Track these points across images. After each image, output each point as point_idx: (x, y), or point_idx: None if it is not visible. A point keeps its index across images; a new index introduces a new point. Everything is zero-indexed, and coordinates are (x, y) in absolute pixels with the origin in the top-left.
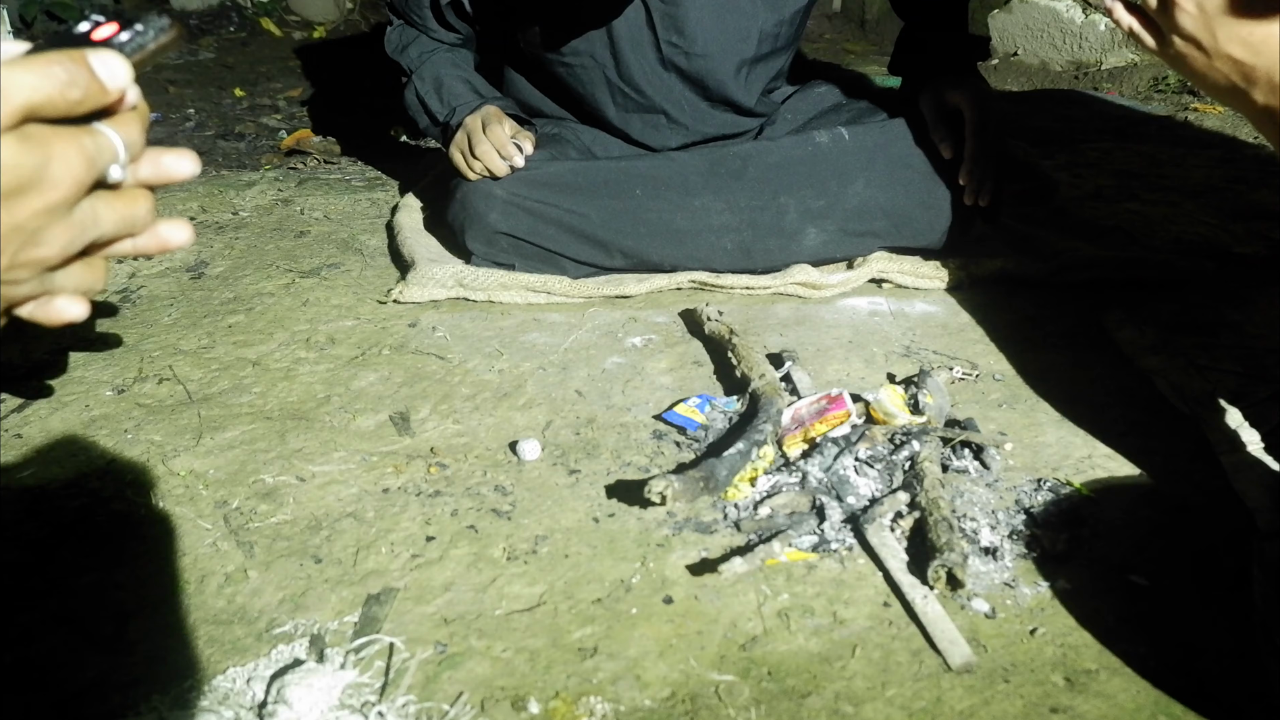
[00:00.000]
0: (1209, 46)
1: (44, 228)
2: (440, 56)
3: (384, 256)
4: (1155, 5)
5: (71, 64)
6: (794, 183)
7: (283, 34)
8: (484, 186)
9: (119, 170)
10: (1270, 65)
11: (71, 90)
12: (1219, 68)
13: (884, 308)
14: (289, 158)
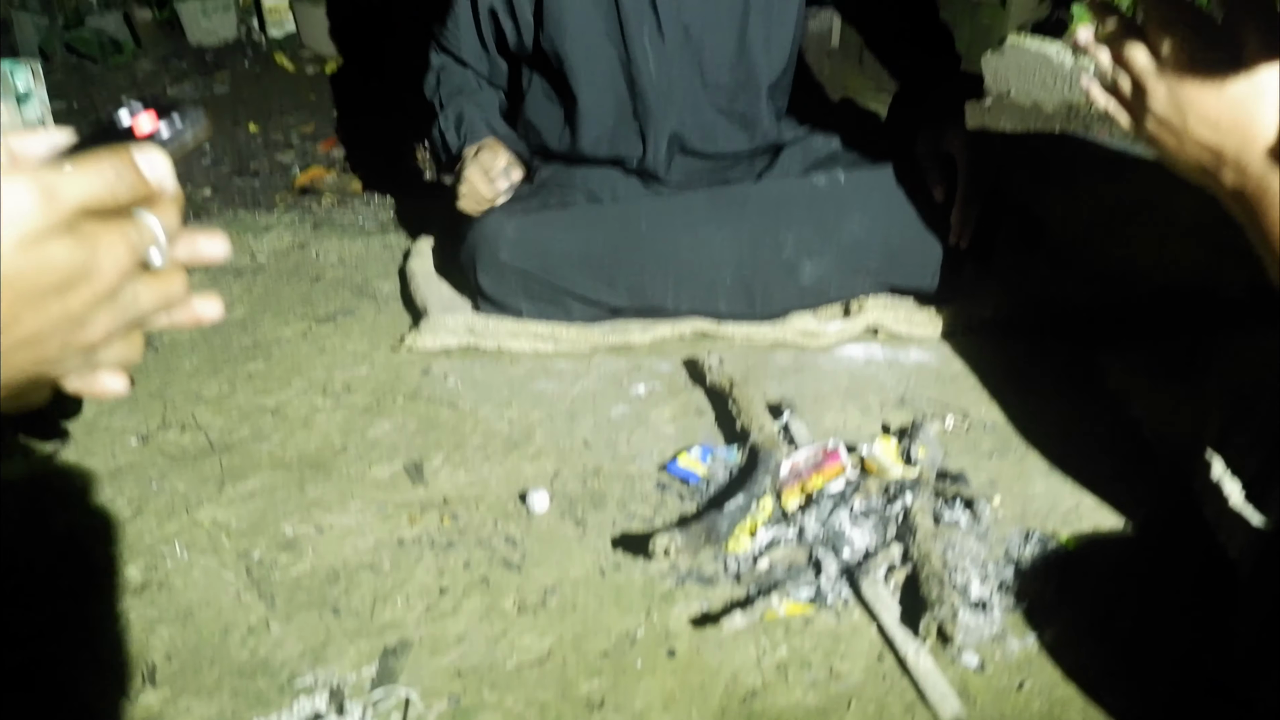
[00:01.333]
0: (1179, 128)
1: (91, 314)
2: (468, 96)
3: (397, 302)
4: (1129, 89)
5: (120, 163)
6: (792, 218)
7: (295, 68)
8: (494, 223)
9: (159, 255)
10: (1237, 147)
11: (120, 188)
12: (1189, 149)
13: (879, 356)
14: (303, 195)
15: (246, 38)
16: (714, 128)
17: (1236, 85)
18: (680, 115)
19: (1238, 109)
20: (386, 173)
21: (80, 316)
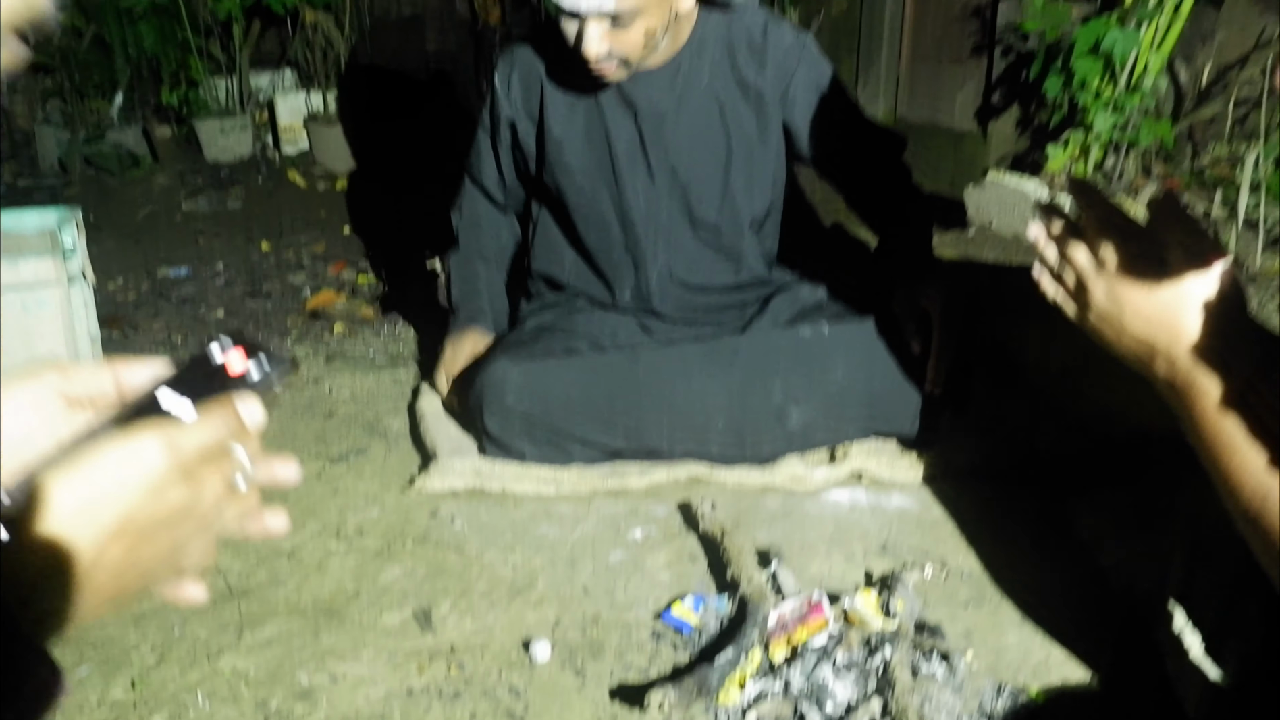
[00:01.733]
0: (1117, 323)
1: (190, 539)
2: (484, 243)
3: (407, 440)
4: (1073, 284)
5: (228, 416)
6: (780, 367)
7: (307, 185)
8: (501, 370)
9: (244, 482)
10: (1168, 343)
11: (225, 436)
12: (1126, 341)
13: (863, 501)
14: (314, 320)
15: (261, 154)
16: (701, 261)
17: (1164, 288)
18: (669, 249)
19: (1166, 309)
20: (396, 297)
21: (183, 543)
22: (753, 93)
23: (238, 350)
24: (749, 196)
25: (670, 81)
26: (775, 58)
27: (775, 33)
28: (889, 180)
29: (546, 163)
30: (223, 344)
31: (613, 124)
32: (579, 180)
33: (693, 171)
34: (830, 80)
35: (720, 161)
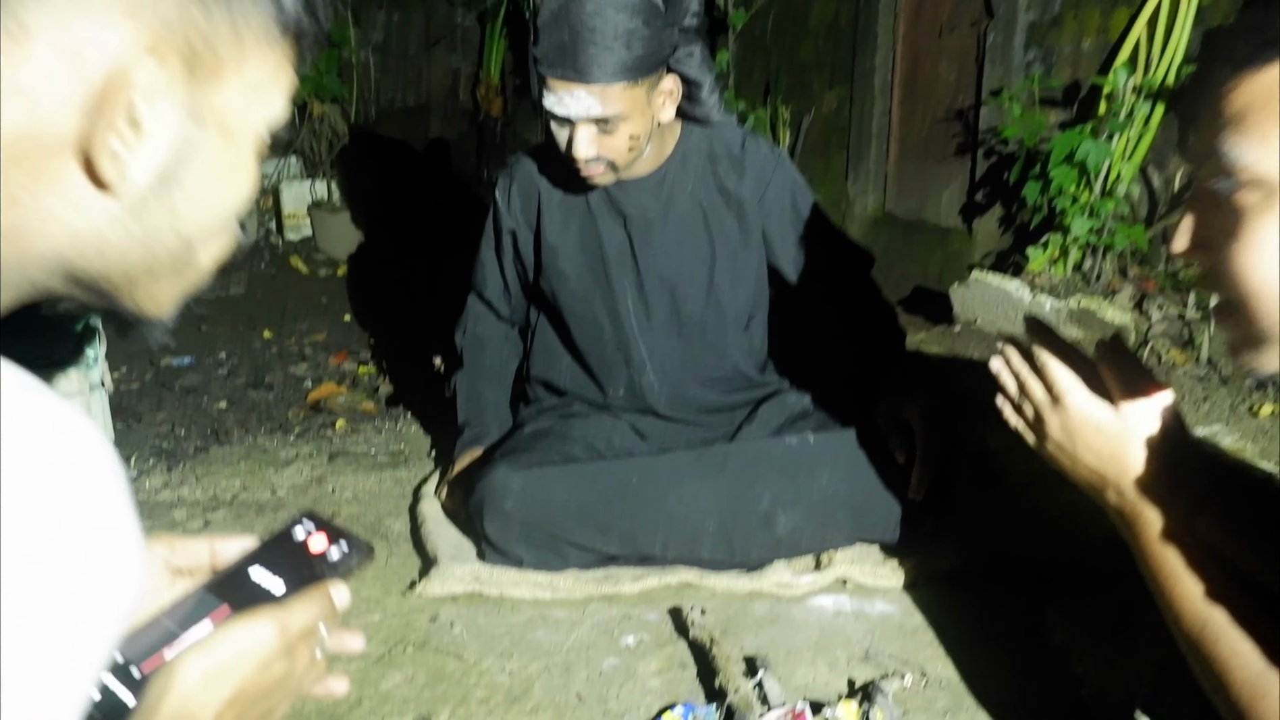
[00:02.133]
0: (1071, 453)
1: (281, 703)
2: (489, 362)
3: (408, 543)
4: (1031, 415)
5: (325, 599)
6: (768, 474)
7: (309, 271)
8: (501, 478)
9: (322, 653)
10: (1116, 475)
11: (320, 617)
12: (1080, 470)
13: (847, 607)
14: (316, 413)
15: (265, 240)
16: (690, 358)
17: (1112, 424)
18: (659, 346)
19: (1114, 444)
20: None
21: (275, 706)
22: (733, 199)
23: (321, 534)
24: (734, 296)
25: (657, 190)
26: (753, 167)
27: (753, 145)
28: (860, 295)
29: (543, 269)
30: (306, 527)
31: (604, 230)
32: (573, 284)
33: (679, 273)
34: (803, 191)
35: (705, 263)
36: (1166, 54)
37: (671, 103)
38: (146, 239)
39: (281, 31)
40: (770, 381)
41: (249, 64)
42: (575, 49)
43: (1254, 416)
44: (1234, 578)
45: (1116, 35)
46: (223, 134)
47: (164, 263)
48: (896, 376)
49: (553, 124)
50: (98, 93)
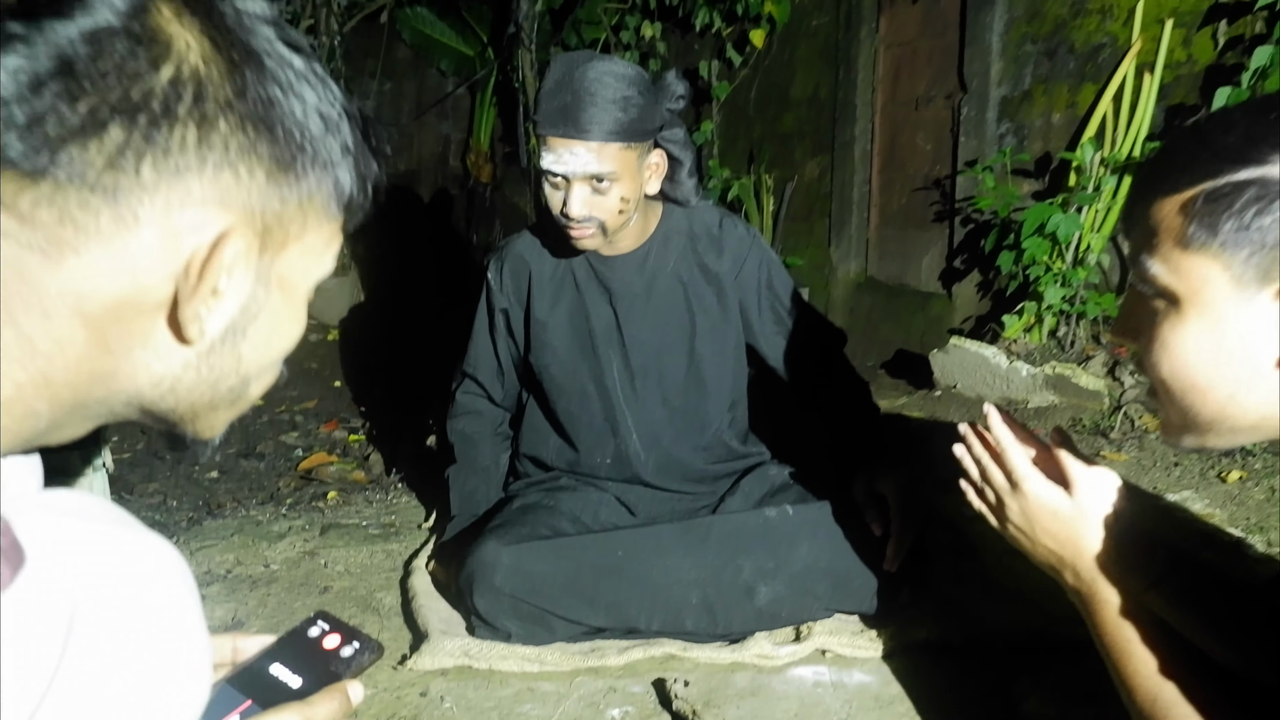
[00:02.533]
0: (1030, 536)
1: None
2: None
3: (398, 616)
4: (993, 499)
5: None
6: (749, 546)
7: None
8: (491, 553)
9: None
10: (1072, 557)
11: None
12: (1039, 551)
13: (826, 677)
14: (307, 482)
15: None
16: (673, 426)
17: (1066, 509)
18: (644, 416)
19: (1069, 528)
20: (388, 462)
21: None
22: (712, 275)
23: (335, 633)
24: (715, 366)
25: (640, 266)
26: (730, 245)
27: (730, 225)
28: (833, 370)
29: (533, 344)
30: (320, 625)
31: (591, 306)
32: (562, 356)
33: (663, 344)
34: (778, 269)
35: (686, 335)
36: (1131, 129)
37: (657, 177)
38: (213, 379)
39: (339, 208)
40: (752, 452)
41: (309, 234)
42: (576, 109)
43: (1222, 482)
44: (1185, 654)
45: (1085, 110)
46: (283, 292)
47: (224, 397)
48: (872, 451)
49: (548, 187)
50: (188, 266)
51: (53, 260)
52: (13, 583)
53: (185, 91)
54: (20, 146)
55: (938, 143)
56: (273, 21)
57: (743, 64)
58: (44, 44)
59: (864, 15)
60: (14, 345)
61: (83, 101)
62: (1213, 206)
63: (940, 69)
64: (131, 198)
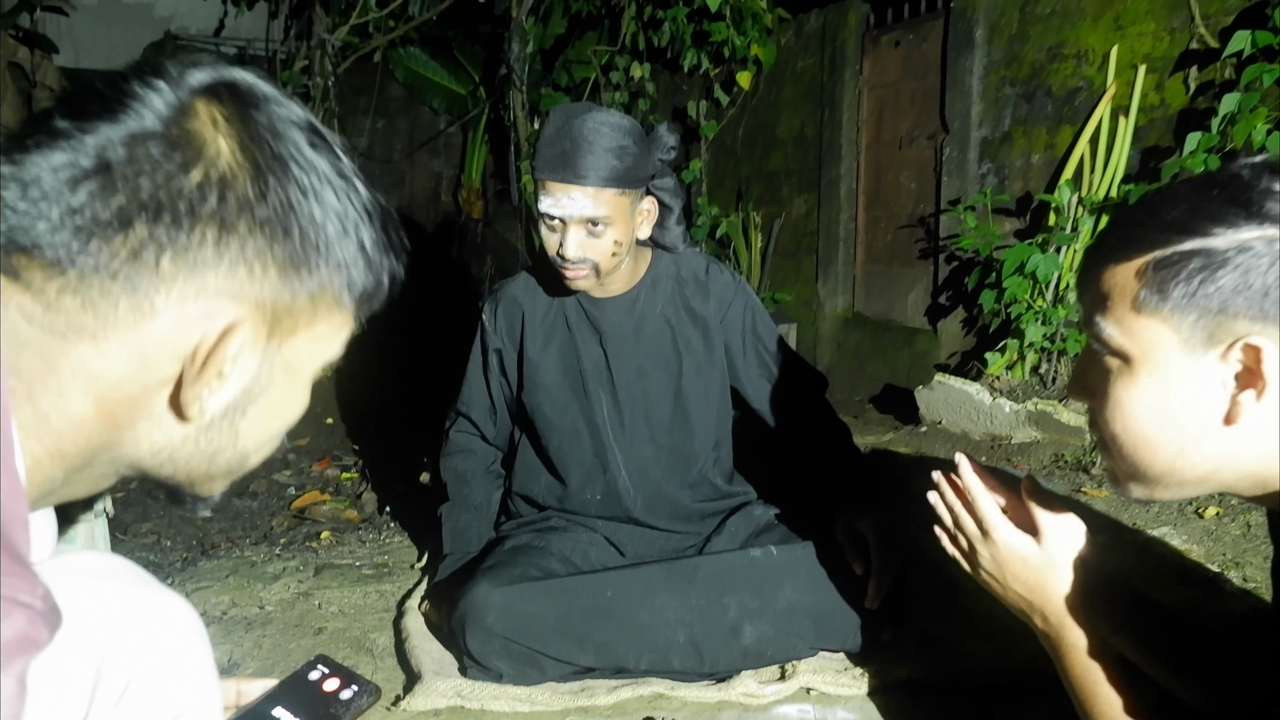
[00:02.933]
0: (1001, 582)
1: None
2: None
3: (391, 656)
4: (966, 546)
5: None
6: (734, 586)
7: None
8: (483, 594)
9: None
10: (1041, 602)
11: None
12: (1010, 596)
13: (811, 715)
14: (300, 521)
15: None
16: (659, 463)
17: (1035, 556)
18: (633, 453)
19: (1038, 575)
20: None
21: None
22: (699, 319)
23: (334, 677)
24: (700, 406)
25: (630, 308)
26: (716, 290)
27: (716, 271)
28: (814, 414)
29: (525, 383)
30: (320, 670)
31: (582, 346)
32: (553, 394)
33: (651, 384)
34: (761, 315)
35: (674, 375)
36: (1108, 171)
37: (648, 222)
38: (210, 452)
39: (351, 300)
40: (738, 491)
41: (319, 323)
42: (575, 156)
43: (1200, 518)
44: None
45: (1063, 151)
46: (288, 375)
47: (221, 468)
48: (852, 492)
49: (545, 230)
50: (195, 352)
51: (71, 343)
52: (48, 644)
53: (211, 194)
54: (52, 239)
55: (921, 181)
56: (305, 126)
57: (730, 104)
58: (88, 144)
59: (848, 57)
60: (31, 421)
61: (115, 199)
62: (1162, 274)
63: (923, 110)
64: (150, 288)
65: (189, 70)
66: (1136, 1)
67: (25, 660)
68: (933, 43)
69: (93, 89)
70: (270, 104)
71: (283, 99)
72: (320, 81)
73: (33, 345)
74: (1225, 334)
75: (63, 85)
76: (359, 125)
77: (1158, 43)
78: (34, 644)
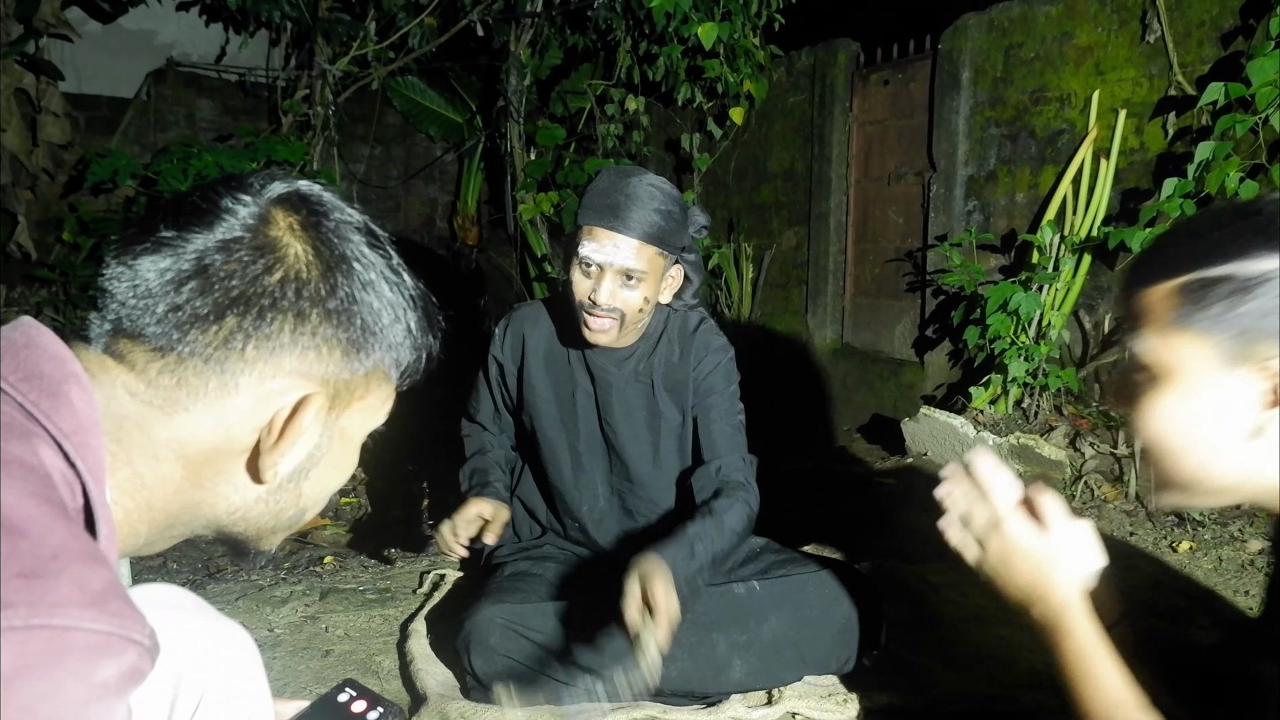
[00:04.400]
0: (1005, 574)
1: None
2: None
3: (397, 679)
4: (973, 538)
5: None
6: (721, 622)
7: None
8: (488, 616)
9: None
10: (1043, 594)
11: None
12: (1012, 589)
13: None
14: (303, 546)
15: None
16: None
17: (1040, 549)
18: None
19: (1040, 568)
20: (380, 523)
21: None
22: (679, 381)
23: (361, 700)
24: (677, 464)
25: (623, 364)
26: (696, 347)
27: (703, 329)
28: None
29: (524, 403)
30: (348, 692)
31: (577, 380)
32: (544, 420)
33: (629, 437)
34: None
35: (653, 432)
36: (1090, 212)
37: (671, 289)
38: (276, 510)
39: (396, 374)
40: None
41: (370, 396)
42: (626, 209)
43: (1174, 551)
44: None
45: (1046, 190)
46: (343, 442)
47: (284, 524)
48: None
49: (578, 274)
50: (271, 424)
51: (166, 415)
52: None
53: (289, 290)
54: (157, 330)
55: (909, 217)
56: (364, 230)
57: (723, 137)
58: (188, 249)
59: (837, 95)
60: (127, 481)
61: (211, 296)
62: (1198, 294)
63: (910, 148)
64: (236, 369)
65: (268, 184)
66: (1117, 48)
67: (135, 689)
68: (920, 82)
69: (190, 202)
70: (335, 210)
71: (343, 205)
72: (321, 110)
73: (134, 417)
74: (1251, 355)
75: (67, 110)
76: (357, 152)
77: (1137, 88)
78: (141, 675)
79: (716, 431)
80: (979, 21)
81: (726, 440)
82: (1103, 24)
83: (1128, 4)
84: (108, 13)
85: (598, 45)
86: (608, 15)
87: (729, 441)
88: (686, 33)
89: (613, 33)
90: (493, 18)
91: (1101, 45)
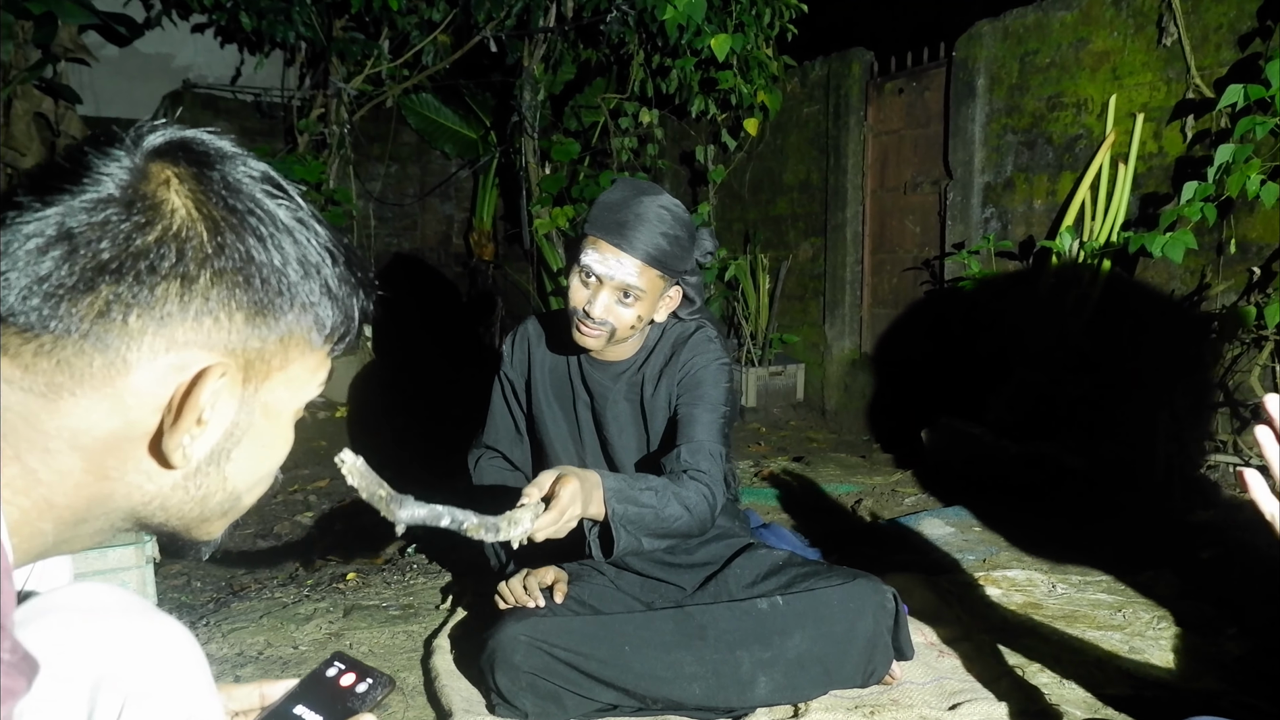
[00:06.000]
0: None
1: None
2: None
3: (422, 695)
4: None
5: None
6: (745, 639)
7: (308, 414)
8: (512, 633)
9: None
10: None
11: None
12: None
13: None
14: (325, 562)
15: None
16: None
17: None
18: None
19: None
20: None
21: None
22: (668, 392)
23: (350, 672)
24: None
25: (619, 378)
26: (687, 350)
27: (698, 338)
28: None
29: (532, 417)
30: (337, 666)
31: (577, 394)
32: (550, 432)
33: (623, 449)
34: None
35: (646, 446)
36: (1109, 217)
37: (667, 309)
38: (200, 496)
39: (321, 340)
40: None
41: (292, 365)
42: (633, 227)
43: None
44: None
45: (1064, 196)
46: (268, 417)
47: (214, 511)
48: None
49: (576, 282)
50: (170, 402)
51: (51, 402)
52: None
53: (169, 250)
54: (22, 306)
55: (925, 226)
56: (261, 178)
57: (737, 149)
58: (50, 215)
59: (852, 105)
60: (18, 478)
61: (77, 264)
62: None
63: (926, 157)
64: (121, 344)
65: (144, 135)
66: (1133, 53)
67: (9, 706)
68: (935, 91)
69: (55, 164)
70: (226, 160)
71: (241, 154)
72: (336, 129)
73: (16, 408)
74: None
75: (85, 134)
76: (373, 170)
77: (1154, 93)
78: (10, 693)
79: (697, 417)
80: (994, 29)
81: (704, 428)
82: (1119, 29)
83: (1144, 9)
84: (125, 37)
85: (611, 59)
86: (620, 29)
87: (707, 429)
88: (699, 45)
89: (625, 46)
90: (506, 34)
91: (1118, 50)
